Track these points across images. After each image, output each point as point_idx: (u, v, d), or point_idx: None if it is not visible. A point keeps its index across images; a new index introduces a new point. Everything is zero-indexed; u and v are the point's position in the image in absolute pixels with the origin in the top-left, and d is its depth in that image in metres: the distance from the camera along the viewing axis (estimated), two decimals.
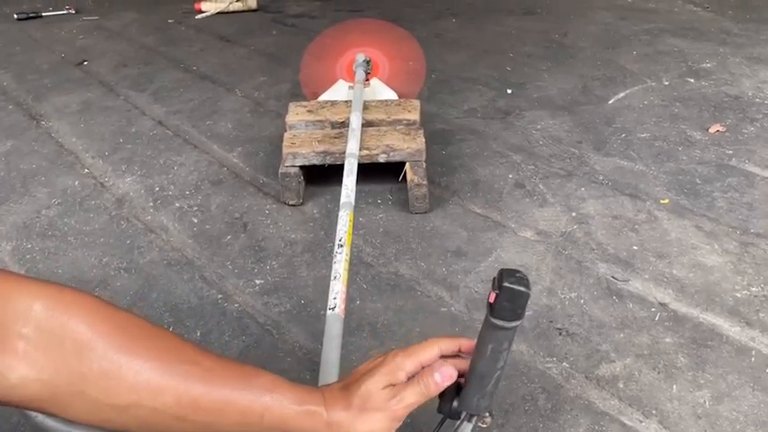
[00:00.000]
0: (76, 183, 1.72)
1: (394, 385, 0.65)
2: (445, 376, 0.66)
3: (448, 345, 0.70)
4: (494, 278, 0.63)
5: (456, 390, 0.69)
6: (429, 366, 0.68)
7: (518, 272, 0.62)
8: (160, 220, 1.56)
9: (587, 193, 1.59)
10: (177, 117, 2.06)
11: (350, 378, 0.69)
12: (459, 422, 0.70)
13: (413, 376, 0.67)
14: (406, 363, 0.67)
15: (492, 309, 0.62)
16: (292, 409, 0.63)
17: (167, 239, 1.49)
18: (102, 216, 1.58)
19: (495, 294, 0.62)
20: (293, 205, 1.59)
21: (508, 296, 0.61)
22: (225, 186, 1.69)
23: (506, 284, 0.61)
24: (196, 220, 1.55)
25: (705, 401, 1.04)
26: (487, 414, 0.69)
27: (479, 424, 0.69)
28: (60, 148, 1.91)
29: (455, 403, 0.69)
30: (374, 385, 0.65)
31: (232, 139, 1.92)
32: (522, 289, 0.61)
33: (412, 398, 0.65)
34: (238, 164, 1.79)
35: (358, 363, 1.13)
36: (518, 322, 0.62)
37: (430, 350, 0.68)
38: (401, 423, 0.66)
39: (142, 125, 2.02)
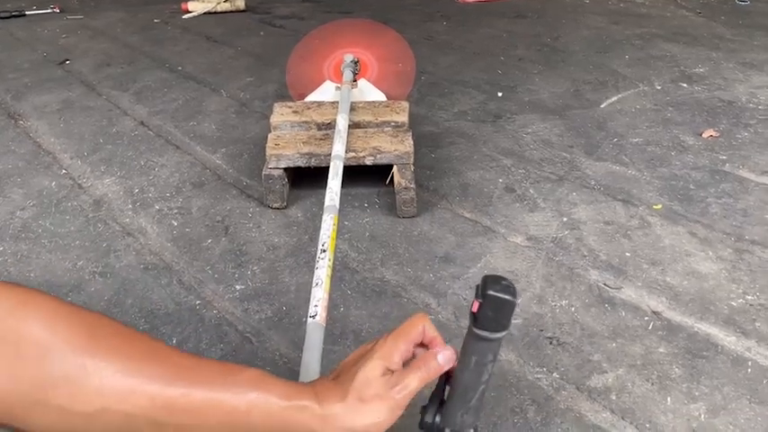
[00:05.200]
0: (53, 184, 1.66)
1: (391, 371, 0.62)
2: (448, 359, 0.63)
3: (430, 329, 0.67)
4: (477, 286, 0.59)
5: (439, 405, 0.65)
6: (429, 351, 0.64)
7: (503, 279, 0.58)
8: (138, 223, 1.50)
9: (579, 198, 1.55)
10: (160, 117, 2.01)
11: (339, 369, 0.65)
12: None
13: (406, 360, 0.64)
14: (399, 344, 0.63)
15: (475, 319, 0.58)
16: (281, 404, 0.58)
17: (145, 243, 1.44)
18: (78, 218, 1.52)
19: (478, 303, 0.57)
20: (277, 208, 1.54)
21: (493, 305, 0.57)
22: (207, 189, 1.64)
23: (491, 293, 0.56)
24: (176, 223, 1.50)
25: (700, 414, 1.00)
26: (472, 431, 0.65)
27: None
28: (38, 148, 1.85)
29: (437, 419, 0.64)
30: (372, 372, 0.61)
31: (215, 141, 1.87)
32: (507, 297, 0.57)
33: (414, 383, 0.62)
34: (221, 165, 1.74)
35: None
36: (503, 333, 0.58)
37: (417, 328, 0.65)
38: (402, 412, 0.62)
39: (123, 125, 1.97)
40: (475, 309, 0.57)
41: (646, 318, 1.19)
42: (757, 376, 1.06)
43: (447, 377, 0.65)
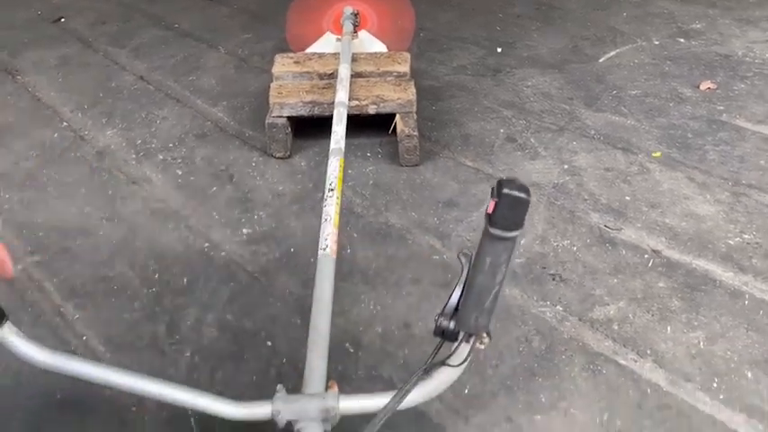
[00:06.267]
0: (55, 135, 1.66)
1: None
2: None
3: None
4: (492, 188, 0.61)
5: (453, 312, 0.67)
6: None
7: (517, 180, 0.60)
8: (143, 172, 1.51)
9: (579, 147, 1.57)
10: (159, 72, 2.00)
11: None
12: (456, 344, 0.68)
13: None
14: None
15: (491, 219, 0.60)
16: None
17: (151, 191, 1.45)
18: (82, 168, 1.53)
19: (494, 203, 0.59)
20: (280, 158, 1.55)
21: (508, 204, 0.59)
22: (209, 139, 1.64)
23: (506, 191, 0.58)
24: (180, 172, 1.51)
25: (699, 342, 1.03)
26: (485, 334, 0.67)
27: (477, 345, 0.67)
28: (37, 102, 1.84)
29: (452, 324, 0.67)
30: None
31: (216, 94, 1.86)
32: (522, 196, 0.59)
33: None
34: (223, 118, 1.74)
35: (350, 306, 1.12)
36: (518, 232, 0.60)
37: None
38: None
39: (122, 80, 1.96)
40: (490, 209, 0.59)
41: (646, 256, 1.22)
42: (754, 308, 1.10)
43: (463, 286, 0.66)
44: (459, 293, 0.67)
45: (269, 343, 1.05)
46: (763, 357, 1.00)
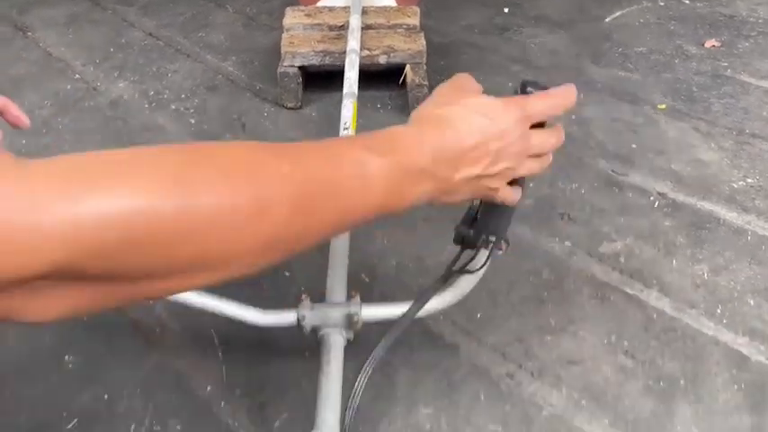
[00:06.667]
0: (68, 86, 1.68)
1: None
2: None
3: None
4: (515, 90, 0.63)
5: (472, 221, 0.70)
6: None
7: (540, 81, 0.62)
8: (156, 121, 1.54)
9: (586, 99, 1.59)
10: (168, 29, 2.01)
11: None
12: (475, 250, 0.71)
13: None
14: None
15: None
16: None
17: (165, 138, 1.47)
18: (96, 116, 1.55)
19: None
20: (291, 108, 1.57)
21: None
22: (221, 91, 1.66)
23: (530, 90, 0.61)
24: (193, 121, 1.53)
25: (704, 273, 1.07)
26: (503, 240, 0.70)
27: (496, 251, 0.70)
28: (49, 56, 1.86)
29: (471, 231, 0.69)
30: None
31: (225, 50, 1.88)
32: None
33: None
34: (234, 72, 1.76)
35: (365, 243, 1.15)
36: None
37: None
38: None
39: (132, 36, 1.97)
40: None
41: (651, 198, 1.26)
42: (757, 243, 1.13)
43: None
44: (478, 201, 0.70)
45: (287, 273, 1.08)
46: (765, 286, 1.04)
